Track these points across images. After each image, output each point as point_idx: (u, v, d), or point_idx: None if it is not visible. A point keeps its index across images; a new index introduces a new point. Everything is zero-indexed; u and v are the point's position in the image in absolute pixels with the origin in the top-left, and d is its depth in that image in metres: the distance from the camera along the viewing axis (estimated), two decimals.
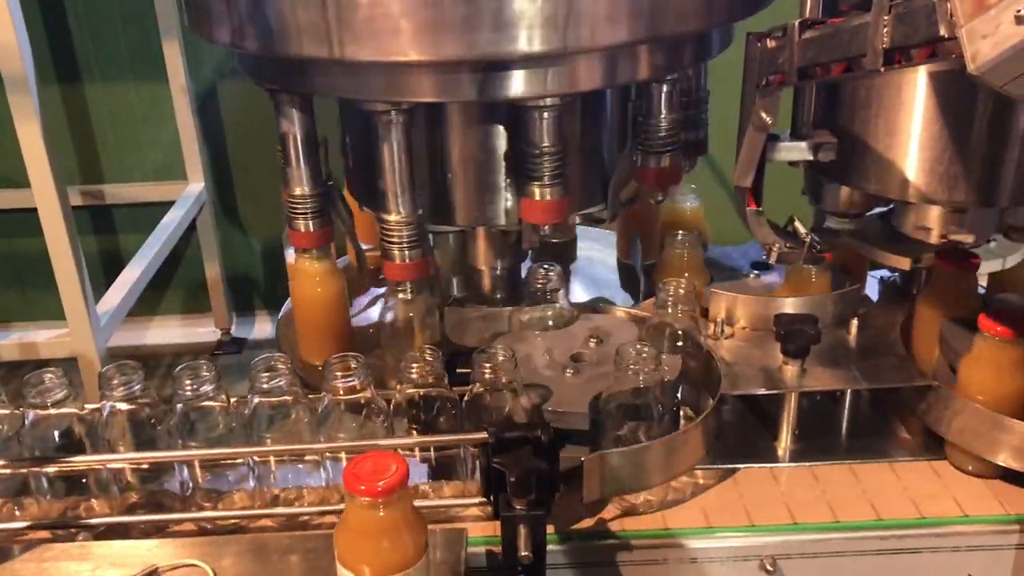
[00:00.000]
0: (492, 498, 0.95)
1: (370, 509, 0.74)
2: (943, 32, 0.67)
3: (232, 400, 1.03)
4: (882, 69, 0.76)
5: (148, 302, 3.05)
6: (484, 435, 0.93)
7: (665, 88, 1.10)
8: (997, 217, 1.08)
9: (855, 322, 1.15)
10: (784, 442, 1.10)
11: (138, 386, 1.02)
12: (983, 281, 1.24)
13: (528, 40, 0.93)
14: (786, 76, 0.95)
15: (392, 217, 1.07)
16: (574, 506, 1.01)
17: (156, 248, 2.48)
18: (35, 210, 2.05)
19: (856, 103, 1.07)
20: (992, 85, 0.64)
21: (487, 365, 0.99)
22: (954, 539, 1.01)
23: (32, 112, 1.96)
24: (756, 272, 1.28)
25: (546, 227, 1.09)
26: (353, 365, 1.00)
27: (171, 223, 2.64)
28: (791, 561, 1.00)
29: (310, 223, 1.16)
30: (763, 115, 1.03)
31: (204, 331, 2.93)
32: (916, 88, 1.02)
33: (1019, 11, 0.62)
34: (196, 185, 2.77)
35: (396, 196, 1.06)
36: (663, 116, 1.11)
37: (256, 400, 1.01)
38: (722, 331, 1.15)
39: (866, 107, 1.06)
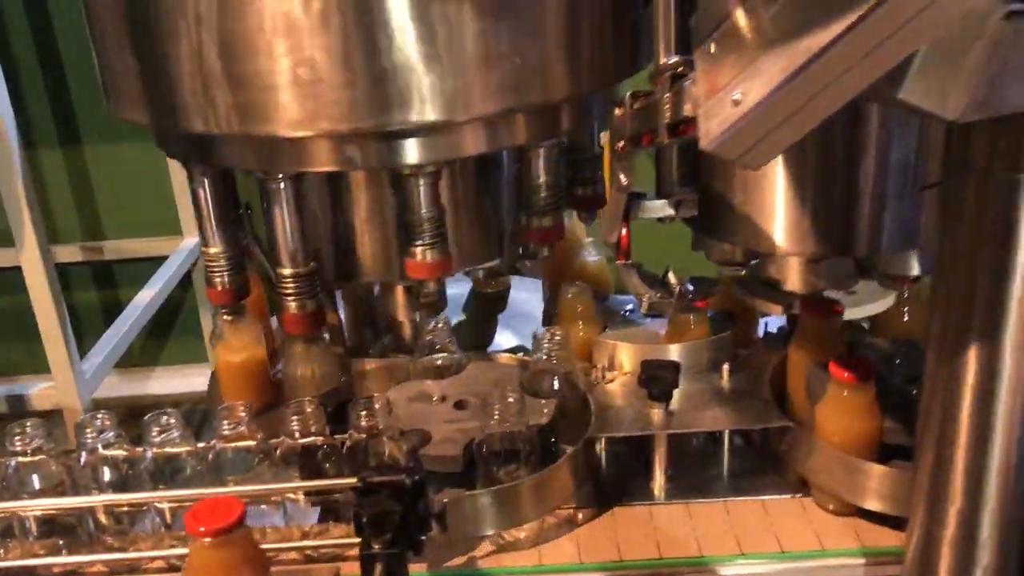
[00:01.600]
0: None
1: (209, 549, 0.82)
2: (688, 112, 0.75)
3: (199, 446, 1.12)
4: (666, 140, 0.84)
5: (149, 353, 3.18)
6: (351, 480, 1.00)
7: (542, 153, 1.17)
8: (852, 266, 1.14)
9: (727, 367, 1.21)
10: (658, 481, 1.16)
11: (111, 434, 1.12)
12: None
13: (397, 113, 1.01)
14: (628, 142, 1.03)
15: (285, 271, 1.15)
16: (452, 544, 1.08)
17: (146, 302, 2.60)
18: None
19: (714, 161, 1.14)
20: (727, 158, 0.71)
21: (363, 413, 1.07)
22: (815, 572, 1.07)
23: (16, 175, 2.09)
24: (649, 319, 1.34)
25: (431, 283, 1.17)
26: (241, 414, 1.09)
27: (163, 276, 2.75)
28: None
29: (225, 279, 1.24)
30: (621, 177, 1.11)
31: (203, 380, 3.04)
32: None
33: (736, 96, 0.69)
34: (191, 239, 2.89)
35: (287, 251, 1.14)
36: (541, 179, 1.17)
37: (149, 452, 1.11)
38: (603, 376, 1.22)
39: (722, 164, 1.13)
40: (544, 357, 1.16)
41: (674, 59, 0.82)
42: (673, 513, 1.14)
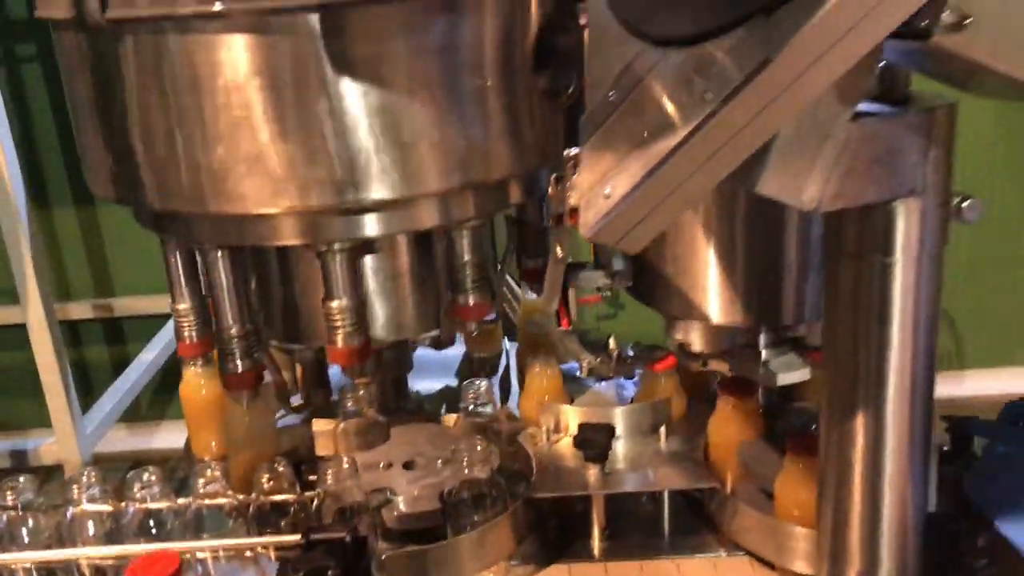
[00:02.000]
0: None
1: None
2: (573, 202, 0.82)
3: (179, 502, 1.18)
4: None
5: (156, 407, 3.27)
6: (295, 537, 1.07)
7: (466, 232, 1.22)
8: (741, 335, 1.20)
9: (663, 429, 1.27)
10: (595, 539, 1.21)
11: (97, 490, 1.19)
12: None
13: (354, 192, 1.09)
14: (554, 220, 1.10)
15: (226, 332, 1.22)
16: None
17: (150, 358, 2.68)
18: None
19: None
20: (606, 244, 0.78)
21: (329, 472, 1.14)
22: None
23: (23, 233, 2.20)
24: (603, 382, 1.40)
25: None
26: (216, 472, 1.16)
27: (170, 332, 2.84)
28: None
29: (193, 334, 1.30)
30: (557, 249, 1.18)
31: None
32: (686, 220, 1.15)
33: (607, 191, 0.76)
34: None
35: (225, 313, 1.22)
36: (467, 258, 1.22)
37: (132, 507, 1.18)
38: (548, 438, 1.28)
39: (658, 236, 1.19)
40: (469, 408, 1.23)
41: (575, 151, 0.89)
42: (599, 571, 1.19)
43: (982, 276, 3.13)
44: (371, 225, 1.15)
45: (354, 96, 1.05)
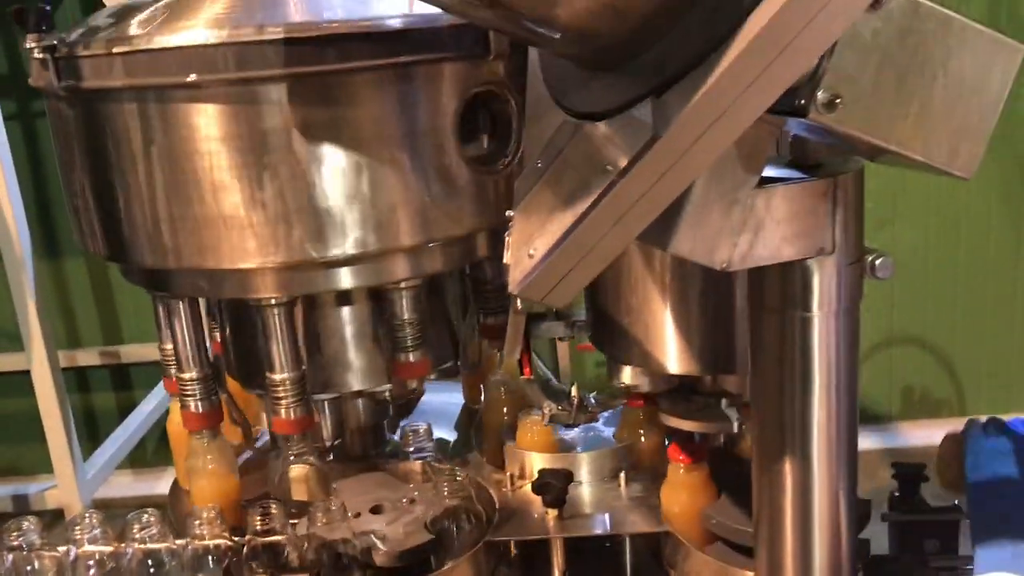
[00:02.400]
0: None
1: None
2: (505, 262, 0.87)
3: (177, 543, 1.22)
4: None
5: (162, 453, 3.32)
6: None
7: (404, 292, 1.25)
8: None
9: (623, 475, 1.31)
10: None
11: (98, 531, 1.24)
12: None
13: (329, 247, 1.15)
14: None
15: (184, 375, 1.28)
16: None
17: (152, 405, 2.75)
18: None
19: (604, 287, 1.26)
20: (532, 300, 0.84)
21: (320, 515, 1.20)
22: None
23: (28, 285, 2.27)
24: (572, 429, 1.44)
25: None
26: (211, 514, 1.22)
27: None
28: None
29: (198, 404, 1.31)
30: (517, 302, 1.23)
31: None
32: (634, 271, 1.20)
33: (531, 251, 0.82)
34: None
35: (186, 358, 1.28)
36: (405, 317, 1.26)
37: (131, 549, 1.23)
38: (512, 482, 1.33)
39: (610, 289, 1.25)
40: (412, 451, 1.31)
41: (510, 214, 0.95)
42: None
43: (981, 321, 3.14)
44: (343, 278, 1.21)
45: (319, 158, 1.12)
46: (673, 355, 1.22)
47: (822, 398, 0.92)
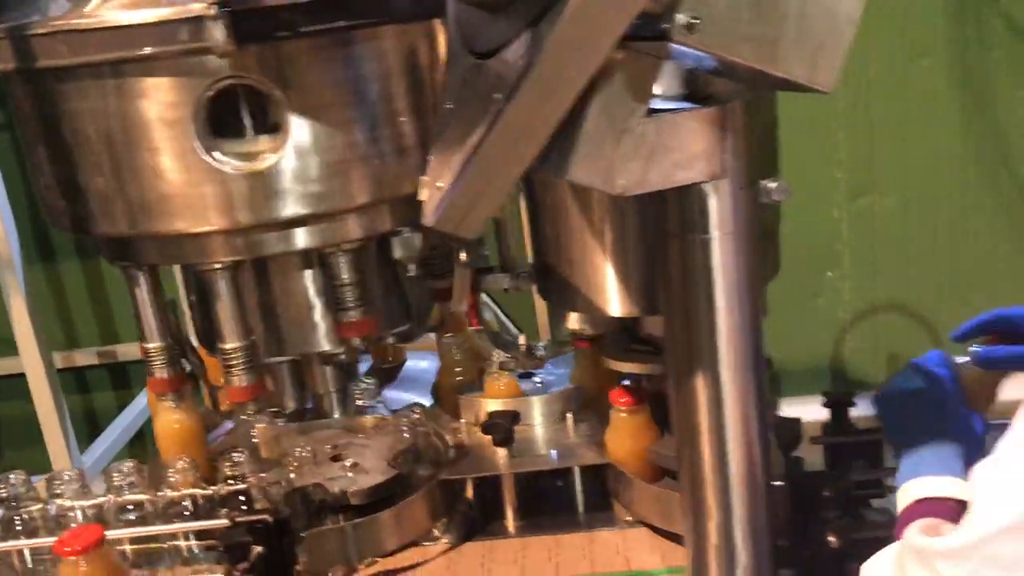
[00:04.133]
0: None
1: (72, 566, 1.01)
2: (420, 198, 0.95)
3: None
4: None
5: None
6: (223, 521, 1.19)
7: (342, 256, 1.30)
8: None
9: (570, 416, 1.39)
10: (509, 518, 1.33)
11: (77, 486, 1.31)
12: None
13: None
14: None
15: (148, 345, 1.35)
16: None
17: (144, 402, 2.82)
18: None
19: (545, 238, 1.33)
20: (447, 232, 0.91)
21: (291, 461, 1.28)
22: None
23: (19, 288, 2.35)
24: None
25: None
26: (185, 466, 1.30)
27: None
28: None
29: (163, 370, 1.39)
30: (461, 255, 1.31)
31: None
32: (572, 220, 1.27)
33: (439, 184, 0.90)
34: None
35: (150, 329, 1.35)
36: (345, 278, 1.31)
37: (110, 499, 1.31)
38: (468, 429, 1.40)
39: (551, 240, 1.32)
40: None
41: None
42: (513, 545, 1.31)
43: (963, 286, 3.18)
44: (295, 239, 1.28)
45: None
46: (613, 298, 1.28)
47: (726, 315, 0.99)
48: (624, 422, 1.30)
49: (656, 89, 0.92)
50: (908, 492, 1.02)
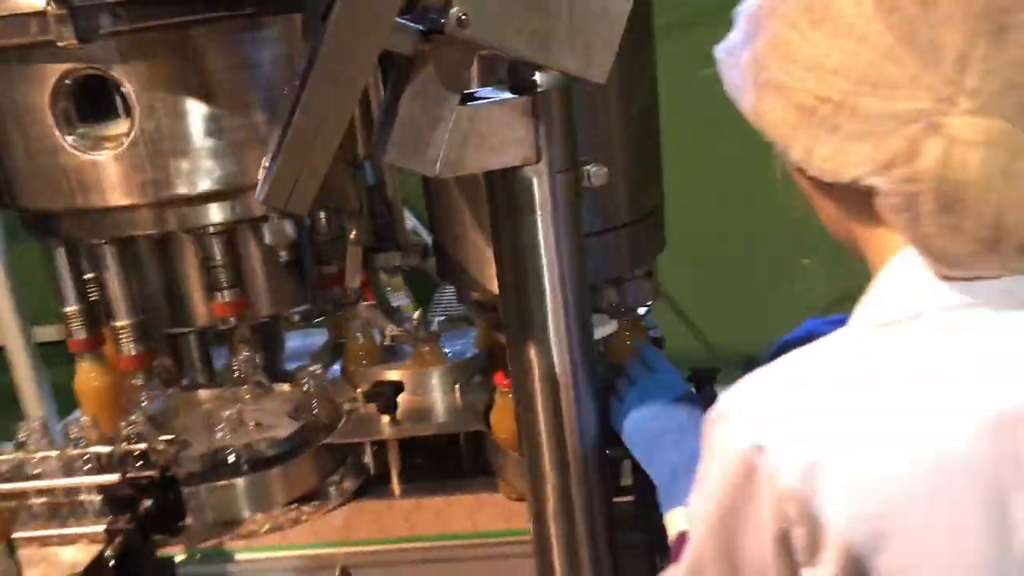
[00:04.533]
0: None
1: None
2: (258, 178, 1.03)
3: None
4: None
5: None
6: (113, 477, 1.29)
7: (214, 238, 1.36)
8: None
9: (458, 387, 1.47)
10: (395, 481, 1.42)
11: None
12: None
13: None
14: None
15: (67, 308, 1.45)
16: (209, 528, 1.36)
17: None
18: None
19: (435, 217, 1.40)
20: (277, 208, 0.99)
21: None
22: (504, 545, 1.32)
23: None
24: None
25: None
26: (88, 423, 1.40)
27: None
28: (364, 570, 1.31)
29: (79, 332, 1.50)
30: (352, 233, 1.39)
31: None
32: (456, 203, 1.34)
33: (265, 164, 0.98)
34: None
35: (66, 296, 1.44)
36: (218, 259, 1.38)
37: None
38: (362, 399, 1.49)
39: (442, 219, 1.39)
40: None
41: None
42: (396, 504, 1.40)
43: None
44: (212, 214, 1.37)
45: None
46: (493, 275, 1.36)
47: (554, 290, 1.07)
48: (506, 401, 1.37)
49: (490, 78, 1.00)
50: (671, 523, 1.05)
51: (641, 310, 1.45)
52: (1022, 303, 0.72)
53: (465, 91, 0.98)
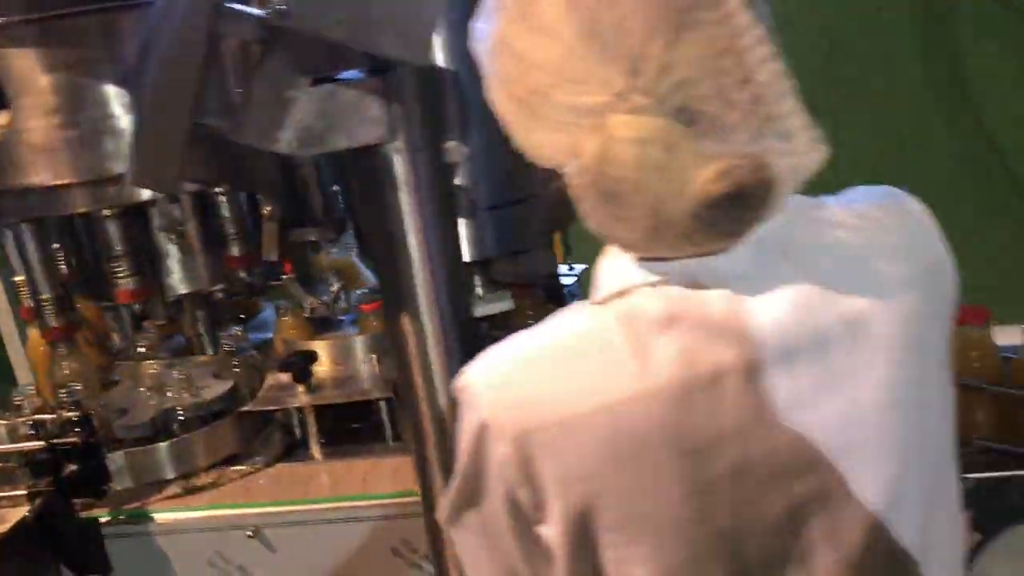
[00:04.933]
0: None
1: None
2: None
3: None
4: None
5: None
6: (39, 443, 1.37)
7: (110, 221, 1.42)
8: None
9: (374, 357, 1.53)
10: (312, 444, 1.49)
11: None
12: None
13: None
14: None
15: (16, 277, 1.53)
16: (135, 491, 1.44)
17: None
18: None
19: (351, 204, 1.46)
20: (146, 187, 1.05)
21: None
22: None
23: None
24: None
25: None
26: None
27: None
28: (273, 529, 1.38)
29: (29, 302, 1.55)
30: (266, 209, 1.45)
31: None
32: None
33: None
34: None
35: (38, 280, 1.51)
36: (117, 248, 1.43)
37: None
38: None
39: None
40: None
41: None
42: (311, 468, 1.48)
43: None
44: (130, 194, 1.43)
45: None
46: None
47: (422, 265, 1.12)
48: None
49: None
50: None
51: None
52: (702, 280, 0.76)
53: (321, 73, 1.03)
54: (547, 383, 0.77)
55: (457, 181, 1.35)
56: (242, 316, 1.78)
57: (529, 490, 0.76)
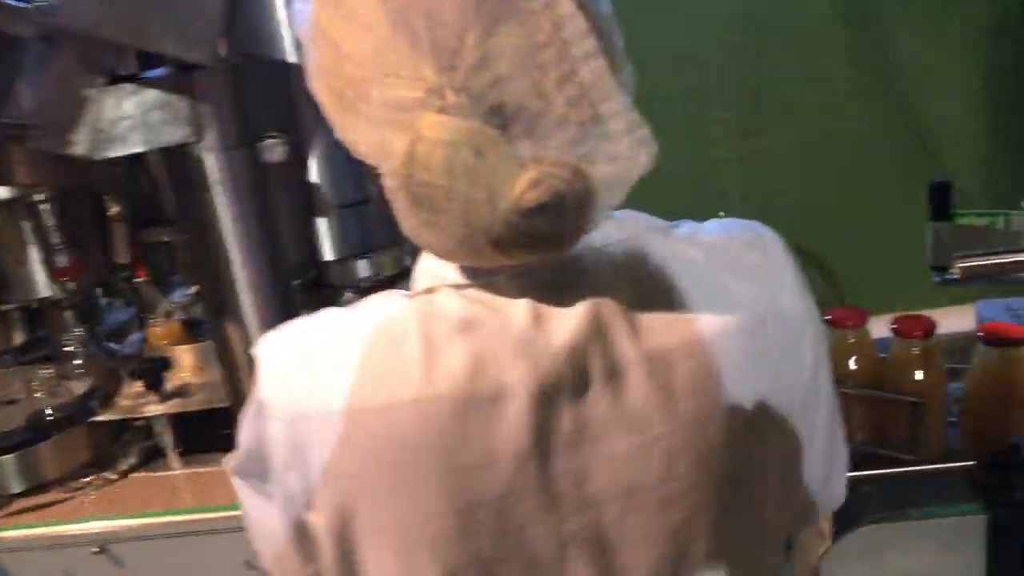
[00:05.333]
0: None
1: None
2: None
3: None
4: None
5: None
6: None
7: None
8: None
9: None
10: (169, 453, 1.43)
11: None
12: None
13: None
14: None
15: None
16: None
17: None
18: None
19: None
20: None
21: None
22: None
23: None
24: None
25: None
26: None
27: None
28: (120, 544, 1.33)
29: None
30: (113, 208, 1.39)
31: None
32: None
33: None
34: None
35: None
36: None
37: None
38: None
39: None
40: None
41: None
42: (164, 479, 1.42)
43: (854, 223, 3.15)
44: None
45: None
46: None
47: (245, 262, 1.08)
48: None
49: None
50: None
51: None
52: (510, 291, 0.72)
53: (124, 73, 0.98)
54: (328, 373, 0.71)
55: (312, 178, 1.30)
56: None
57: (297, 474, 0.72)
